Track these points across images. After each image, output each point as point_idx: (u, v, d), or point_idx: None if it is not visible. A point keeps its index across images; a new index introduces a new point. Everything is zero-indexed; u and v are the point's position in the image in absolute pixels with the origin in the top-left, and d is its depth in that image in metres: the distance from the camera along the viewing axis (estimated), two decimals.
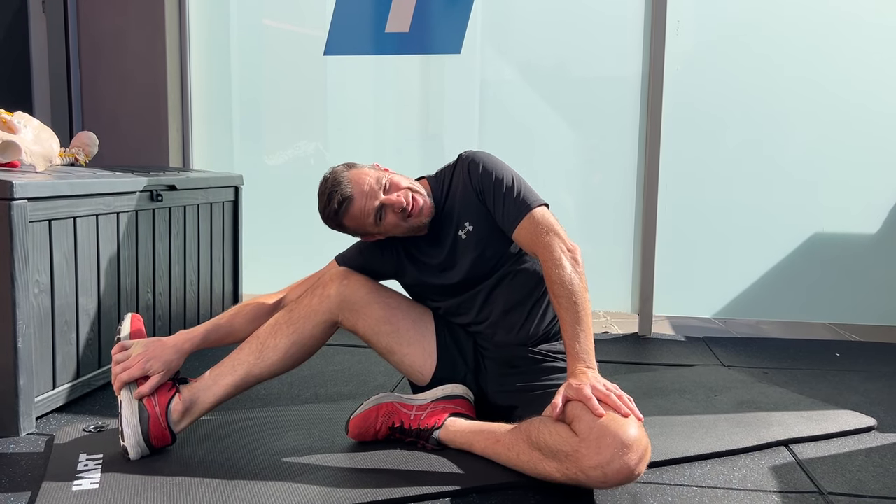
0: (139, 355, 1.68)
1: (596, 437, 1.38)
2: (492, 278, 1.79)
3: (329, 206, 1.77)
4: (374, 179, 1.75)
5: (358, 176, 1.76)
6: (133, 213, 2.27)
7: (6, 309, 1.77)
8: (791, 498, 1.54)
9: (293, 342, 1.73)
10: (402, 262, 1.88)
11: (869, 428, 1.95)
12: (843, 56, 2.98)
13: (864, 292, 3.06)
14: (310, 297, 1.77)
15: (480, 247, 1.77)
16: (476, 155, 1.80)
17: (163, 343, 1.71)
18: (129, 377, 1.65)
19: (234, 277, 3.00)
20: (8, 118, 2.12)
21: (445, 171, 1.87)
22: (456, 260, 1.80)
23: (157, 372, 1.67)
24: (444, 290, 1.85)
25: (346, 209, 1.75)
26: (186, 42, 3.30)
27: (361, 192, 1.74)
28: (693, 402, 2.13)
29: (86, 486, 1.51)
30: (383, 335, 1.80)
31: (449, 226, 1.81)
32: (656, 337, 3.04)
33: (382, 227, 1.78)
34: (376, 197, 1.73)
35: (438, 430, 1.71)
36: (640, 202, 3.10)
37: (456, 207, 1.80)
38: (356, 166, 1.81)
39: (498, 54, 3.20)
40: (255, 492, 1.49)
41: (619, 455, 1.36)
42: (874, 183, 3.00)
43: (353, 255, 1.92)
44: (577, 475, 1.40)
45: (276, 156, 3.44)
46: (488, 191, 1.74)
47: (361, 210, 1.74)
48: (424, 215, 1.76)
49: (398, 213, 1.74)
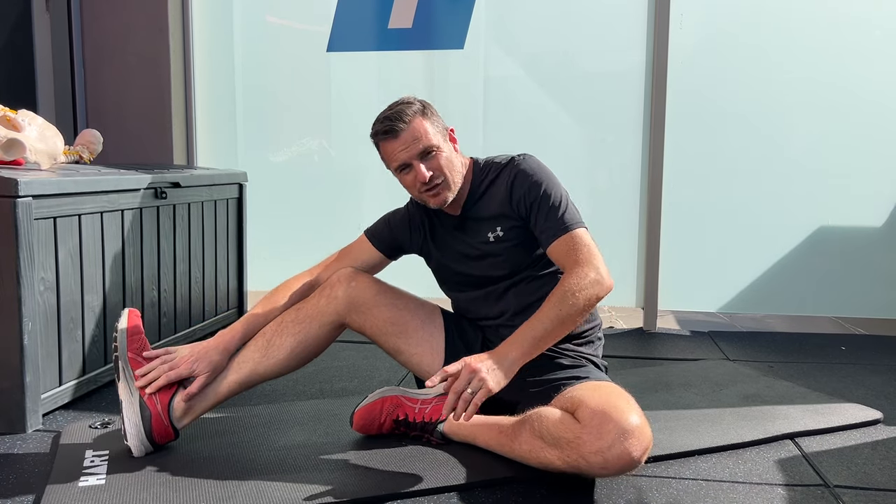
0: (186, 356, 1.69)
1: (598, 424, 1.40)
2: (509, 280, 1.79)
3: (379, 122, 1.74)
4: (426, 141, 1.71)
5: (419, 124, 1.71)
6: (138, 211, 2.27)
7: (12, 306, 1.78)
8: (797, 491, 1.53)
9: (299, 342, 1.74)
10: (427, 242, 1.89)
11: (875, 421, 1.94)
12: (848, 48, 2.96)
13: (870, 286, 3.05)
14: (317, 298, 1.77)
15: (506, 252, 1.77)
16: (528, 163, 1.76)
17: (206, 345, 1.72)
18: (178, 376, 1.66)
19: (239, 274, 3.00)
20: (12, 116, 2.12)
21: (494, 165, 1.82)
22: (479, 255, 1.80)
23: (202, 373, 1.68)
24: (462, 279, 1.85)
25: (385, 138, 1.73)
26: (190, 39, 3.30)
27: (407, 137, 1.70)
28: (698, 396, 2.13)
29: (92, 483, 1.52)
30: (391, 336, 1.81)
31: (480, 222, 1.79)
32: (661, 332, 3.04)
33: (398, 176, 1.77)
34: (411, 155, 1.71)
35: (442, 423, 1.71)
36: (644, 196, 3.09)
37: (492, 207, 1.77)
38: (430, 115, 1.75)
39: (501, 49, 3.20)
40: (260, 487, 1.50)
41: (620, 440, 1.37)
42: (879, 176, 2.99)
43: (380, 229, 1.92)
44: (577, 461, 1.42)
45: (281, 153, 3.44)
46: (534, 201, 1.70)
47: (393, 150, 1.72)
48: (436, 203, 1.76)
49: (416, 184, 1.73)
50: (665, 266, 3.09)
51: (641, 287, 3.12)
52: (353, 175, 3.40)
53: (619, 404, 1.44)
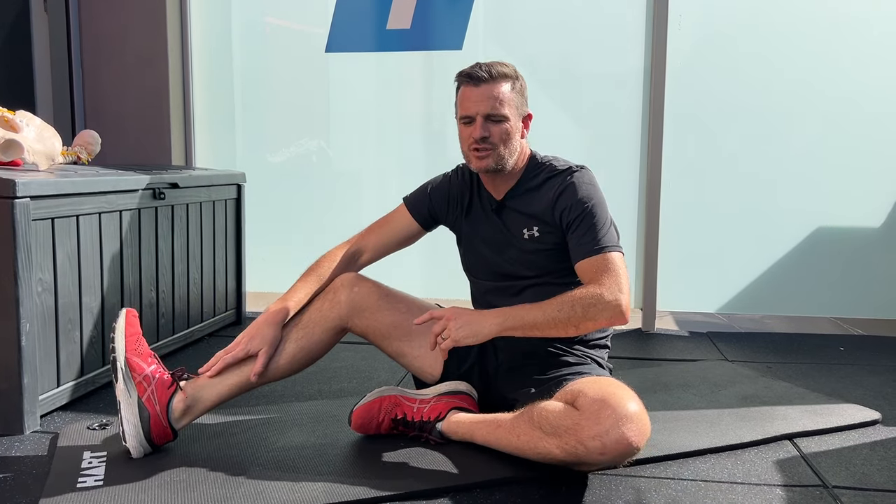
0: (239, 338, 1.71)
1: (596, 410, 1.43)
2: (531, 280, 1.79)
3: (469, 67, 1.75)
4: (499, 106, 1.71)
5: (502, 89, 1.72)
6: (136, 212, 2.27)
7: (10, 307, 1.77)
8: (795, 491, 1.53)
9: (301, 347, 1.75)
10: (460, 219, 1.90)
11: (873, 421, 1.95)
12: (846, 50, 2.97)
13: (868, 286, 3.05)
14: (321, 302, 1.79)
15: (536, 253, 1.77)
16: (582, 178, 1.75)
17: (257, 323, 1.73)
18: (234, 358, 1.69)
19: (237, 275, 3.00)
20: (10, 117, 2.12)
21: (549, 167, 1.80)
22: (509, 246, 1.81)
23: (257, 348, 1.69)
24: (486, 266, 1.86)
25: (467, 83, 1.74)
26: (188, 40, 3.30)
27: (485, 91, 1.71)
28: (697, 396, 2.13)
29: (90, 484, 1.51)
30: (394, 339, 1.82)
31: (519, 215, 1.79)
32: (660, 332, 3.03)
33: (459, 126, 1.78)
34: (479, 110, 1.71)
35: (441, 422, 1.71)
36: (642, 197, 3.09)
37: (534, 206, 1.77)
38: (517, 89, 1.76)
39: (500, 50, 3.20)
40: (259, 488, 1.49)
41: (618, 425, 1.40)
42: (877, 176, 2.99)
43: (420, 198, 1.94)
44: (576, 447, 1.43)
45: (279, 153, 3.44)
46: (577, 216, 1.69)
47: (467, 98, 1.73)
48: (479, 166, 1.75)
49: (469, 138, 1.73)
50: (663, 267, 3.09)
51: (640, 288, 3.12)
52: (351, 176, 3.40)
53: (618, 392, 1.47)
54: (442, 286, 3.15)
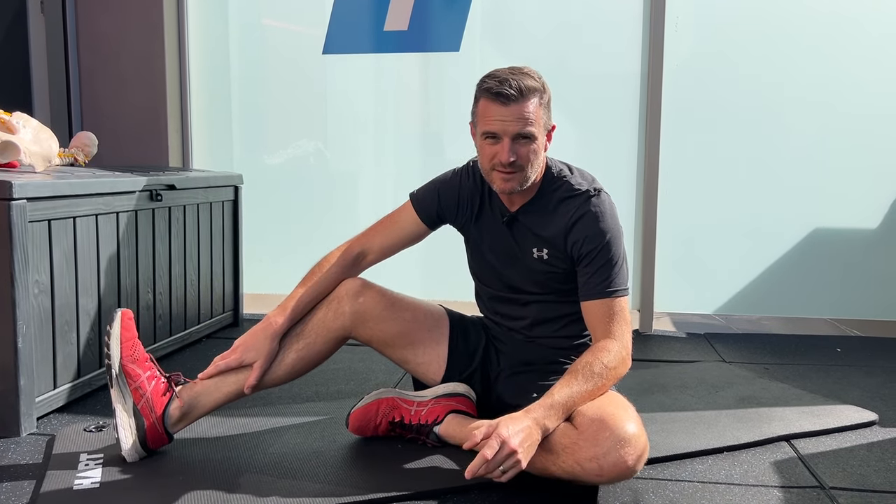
0: (236, 344, 1.69)
1: (595, 431, 1.40)
2: (536, 295, 1.77)
3: (496, 80, 1.63)
4: (529, 126, 1.60)
5: (532, 107, 1.61)
6: (133, 213, 2.26)
7: (6, 309, 1.77)
8: (793, 493, 1.54)
9: (301, 357, 1.73)
10: (470, 222, 1.81)
11: (870, 422, 1.95)
12: (843, 52, 2.97)
13: (865, 287, 3.06)
14: (324, 311, 1.75)
15: (543, 275, 1.73)
16: (600, 207, 1.67)
17: (255, 332, 1.71)
18: (227, 366, 1.67)
19: (235, 277, 3.00)
20: (7, 118, 2.12)
21: (567, 185, 1.71)
22: (517, 261, 1.76)
23: (252, 361, 1.68)
24: (493, 274, 1.81)
25: (493, 99, 1.61)
26: (185, 41, 3.30)
27: (514, 111, 1.59)
28: (694, 398, 2.13)
29: (87, 486, 1.51)
30: (398, 348, 1.79)
31: (531, 234, 1.72)
32: (657, 333, 3.04)
33: (478, 140, 1.67)
34: (507, 130, 1.59)
35: (438, 426, 1.71)
36: (640, 199, 3.10)
37: (548, 229, 1.70)
38: (546, 103, 1.66)
39: (497, 52, 3.19)
40: (256, 490, 1.49)
41: (616, 448, 1.38)
42: (874, 178, 3.00)
43: (428, 198, 1.83)
44: (573, 467, 1.41)
45: (276, 155, 3.43)
46: (591, 250, 1.64)
47: (492, 115, 1.60)
48: (501, 187, 1.65)
49: (494, 160, 1.62)
50: (661, 268, 3.09)
51: (637, 289, 3.11)
52: (348, 177, 3.40)
53: (617, 412, 1.44)
54: (442, 286, 3.15)
